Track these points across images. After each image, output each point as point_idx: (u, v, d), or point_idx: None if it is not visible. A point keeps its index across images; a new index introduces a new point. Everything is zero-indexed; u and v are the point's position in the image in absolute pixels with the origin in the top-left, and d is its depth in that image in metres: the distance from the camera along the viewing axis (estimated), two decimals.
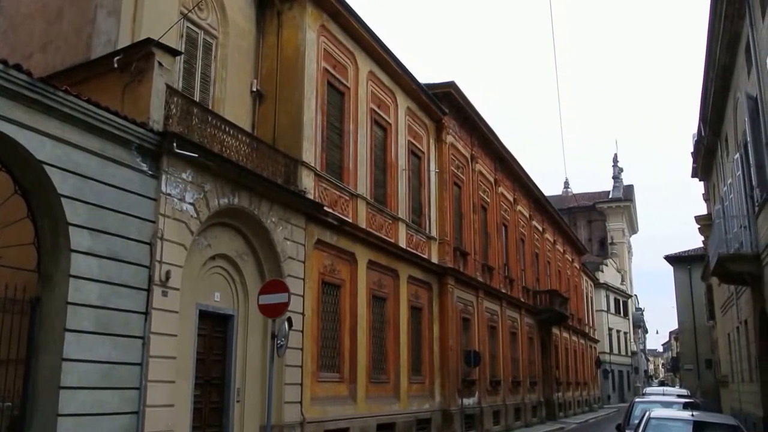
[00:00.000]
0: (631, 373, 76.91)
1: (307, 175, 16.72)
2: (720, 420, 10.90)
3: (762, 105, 15.89)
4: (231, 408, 13.82)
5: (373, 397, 18.94)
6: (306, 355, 15.83)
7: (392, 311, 20.92)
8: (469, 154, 28.74)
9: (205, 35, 15.89)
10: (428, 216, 24.28)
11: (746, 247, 18.77)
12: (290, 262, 15.52)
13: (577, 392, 49.04)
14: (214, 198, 13.25)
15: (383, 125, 21.57)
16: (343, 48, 19.26)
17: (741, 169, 18.93)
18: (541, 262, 40.97)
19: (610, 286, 67.70)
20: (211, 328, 13.63)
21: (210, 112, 13.99)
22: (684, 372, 48.62)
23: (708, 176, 31.50)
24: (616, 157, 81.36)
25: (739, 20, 17.43)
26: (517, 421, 32.11)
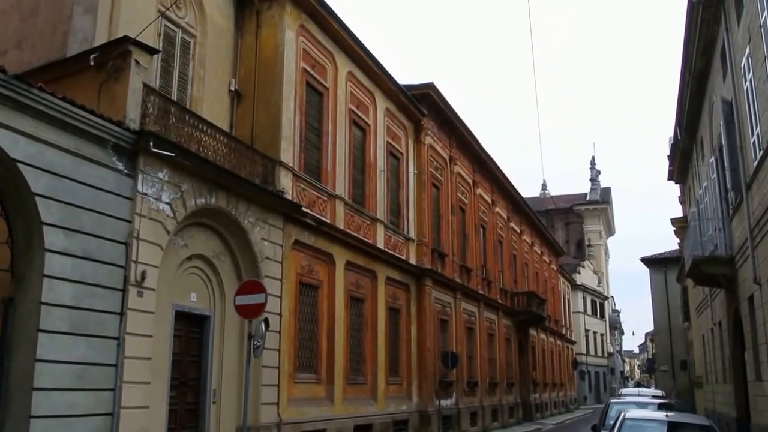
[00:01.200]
0: (608, 374, 77.52)
1: (285, 176, 16.67)
2: (694, 420, 11.01)
3: (737, 109, 16.08)
4: (207, 409, 13.74)
5: (350, 399, 18.91)
6: (283, 356, 15.77)
7: (370, 312, 20.91)
8: (448, 156, 28.80)
9: (183, 34, 15.79)
10: (407, 217, 24.31)
11: (721, 250, 18.98)
12: (267, 262, 15.45)
13: (553, 393, 49.33)
14: (191, 198, 13.16)
15: (362, 126, 21.56)
16: (322, 48, 19.22)
17: (716, 172, 19.15)
18: (519, 263, 41.16)
19: (587, 287, 68.20)
20: (187, 329, 13.53)
21: (187, 112, 13.91)
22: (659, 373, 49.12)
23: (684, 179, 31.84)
24: (593, 160, 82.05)
25: (715, 25, 17.62)
26: (494, 422, 32.23)
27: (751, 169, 14.81)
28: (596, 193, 79.31)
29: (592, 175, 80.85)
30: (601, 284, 75.45)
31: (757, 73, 13.37)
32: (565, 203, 76.13)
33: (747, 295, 16.67)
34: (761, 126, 13.45)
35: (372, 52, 21.28)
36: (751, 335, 16.70)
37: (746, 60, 14.24)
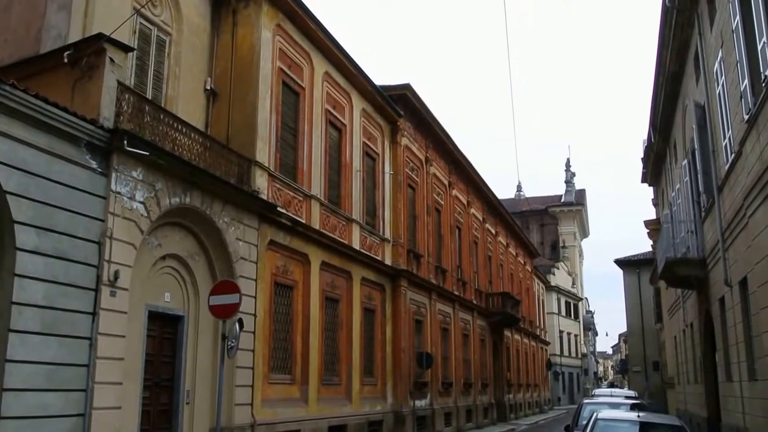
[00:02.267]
0: (581, 374, 78.15)
1: (260, 175, 16.60)
2: (665, 421, 11.13)
3: (709, 113, 16.28)
4: (180, 410, 13.64)
5: (324, 399, 18.88)
6: (257, 357, 15.71)
7: (345, 313, 20.89)
8: (424, 157, 28.86)
9: (158, 32, 15.66)
10: (382, 218, 24.31)
11: (693, 252, 19.22)
12: (242, 262, 15.38)
13: (527, 394, 49.62)
14: (165, 197, 13.07)
15: (338, 126, 21.54)
16: (298, 48, 19.17)
17: (688, 175, 19.38)
18: (494, 264, 41.35)
19: (562, 289, 68.68)
20: (161, 329, 13.43)
21: (162, 110, 13.80)
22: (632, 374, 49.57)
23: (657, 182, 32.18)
24: (568, 162, 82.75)
25: (689, 29, 17.84)
26: (469, 423, 32.35)
27: (723, 173, 15.01)
28: (571, 194, 79.92)
29: (567, 177, 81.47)
30: (576, 285, 76.05)
31: (729, 78, 13.55)
32: (540, 205, 76.66)
33: (718, 297, 16.89)
34: (733, 130, 13.64)
35: (349, 52, 21.28)
36: (722, 336, 16.92)
37: (719, 64, 14.43)
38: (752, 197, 12.14)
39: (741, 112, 12.52)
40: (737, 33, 12.21)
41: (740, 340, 14.49)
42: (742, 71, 12.07)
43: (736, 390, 15.44)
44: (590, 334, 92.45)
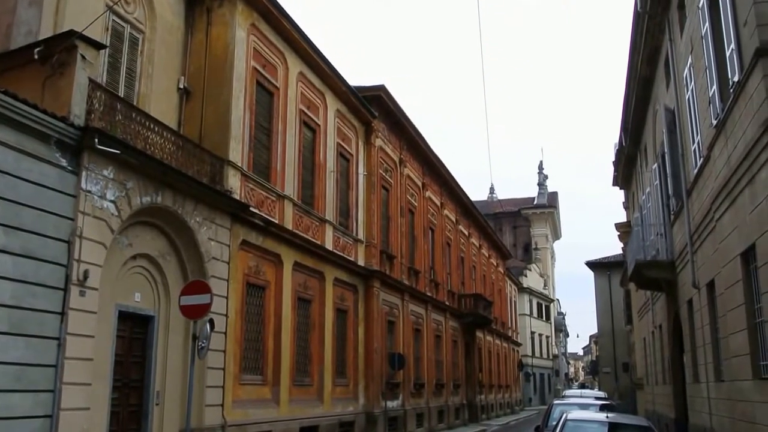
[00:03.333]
0: (552, 375, 78.76)
1: (233, 175, 16.52)
2: (633, 421, 11.26)
3: (679, 117, 16.51)
4: (150, 411, 13.52)
5: (296, 400, 18.83)
6: (228, 358, 15.63)
7: (317, 313, 20.85)
8: (398, 158, 28.91)
9: (131, 29, 15.51)
10: (356, 218, 24.31)
11: (662, 255, 19.46)
12: (214, 262, 15.29)
13: (499, 395, 49.90)
14: (136, 196, 12.95)
15: (312, 126, 21.49)
16: (273, 48, 19.11)
17: (658, 178, 19.63)
18: (467, 266, 41.52)
19: (534, 290, 69.16)
20: (131, 330, 13.30)
21: (134, 108, 13.69)
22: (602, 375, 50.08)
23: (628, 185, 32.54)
24: (541, 164, 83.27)
25: (660, 35, 18.08)
26: (440, 424, 32.45)
27: (692, 177, 15.23)
28: (544, 197, 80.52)
29: (540, 180, 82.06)
30: (547, 287, 76.62)
31: (698, 83, 13.76)
32: (513, 207, 77.17)
33: (686, 299, 17.13)
34: (701, 134, 13.85)
35: (323, 53, 21.26)
36: (690, 338, 17.17)
37: (688, 70, 14.64)
38: (719, 201, 12.33)
39: (710, 117, 12.72)
40: (706, 39, 12.41)
41: (707, 341, 14.71)
42: (711, 77, 12.27)
43: (703, 391, 15.66)
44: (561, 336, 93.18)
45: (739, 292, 11.50)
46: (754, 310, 10.97)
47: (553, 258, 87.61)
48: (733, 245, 11.75)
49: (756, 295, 10.73)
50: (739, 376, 11.86)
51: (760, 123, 9.48)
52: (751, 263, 10.88)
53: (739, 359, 11.85)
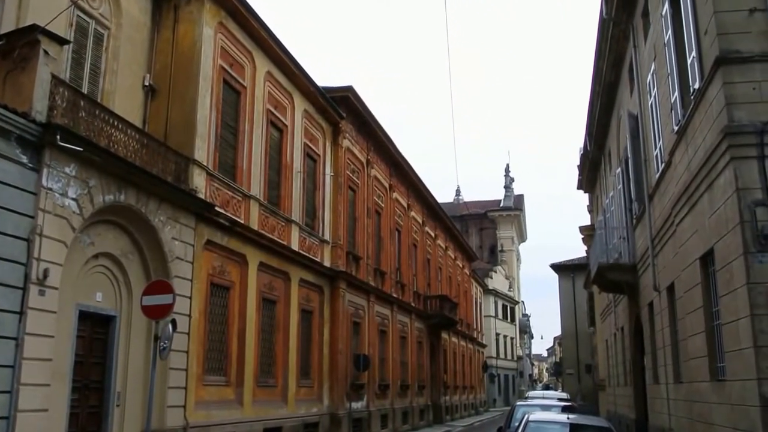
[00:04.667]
0: (517, 376, 79.38)
1: (198, 174, 16.38)
2: (594, 422, 11.38)
3: (641, 123, 16.76)
4: (110, 412, 13.35)
5: (260, 401, 18.72)
6: (191, 358, 15.48)
7: (282, 314, 20.76)
8: (365, 159, 28.92)
9: (96, 25, 15.30)
10: (322, 219, 24.26)
11: (624, 258, 19.74)
12: (178, 262, 15.15)
13: (464, 396, 50.16)
14: (99, 194, 12.78)
15: (279, 126, 21.40)
16: (241, 47, 18.99)
17: (622, 183, 19.90)
18: (433, 267, 41.67)
19: (499, 292, 69.63)
20: (92, 330, 13.12)
21: (98, 105, 13.51)
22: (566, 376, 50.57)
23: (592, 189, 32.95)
24: (507, 167, 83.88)
25: (624, 41, 18.34)
26: (405, 425, 32.51)
27: (654, 182, 15.47)
28: (510, 199, 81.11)
29: (506, 183, 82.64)
30: (512, 289, 77.20)
31: (660, 90, 13.98)
32: (480, 209, 77.59)
33: (647, 302, 17.40)
34: (663, 140, 14.07)
35: (292, 53, 21.18)
36: (650, 340, 17.43)
37: (651, 76, 14.87)
38: (680, 206, 12.55)
39: (671, 123, 12.94)
40: (669, 47, 12.62)
41: (667, 343, 14.95)
42: (673, 84, 12.48)
43: (662, 392, 15.92)
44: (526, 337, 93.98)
45: (698, 295, 11.71)
46: (711, 313, 11.19)
47: (519, 260, 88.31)
48: (692, 249, 11.97)
49: (714, 298, 10.94)
50: (697, 377, 12.08)
51: (719, 130, 9.68)
52: (710, 267, 11.09)
53: (697, 361, 12.07)
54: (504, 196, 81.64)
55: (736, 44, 9.66)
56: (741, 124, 9.38)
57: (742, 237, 9.11)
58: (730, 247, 9.64)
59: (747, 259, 9.03)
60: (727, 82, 9.57)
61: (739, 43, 9.67)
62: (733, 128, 9.39)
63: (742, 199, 9.21)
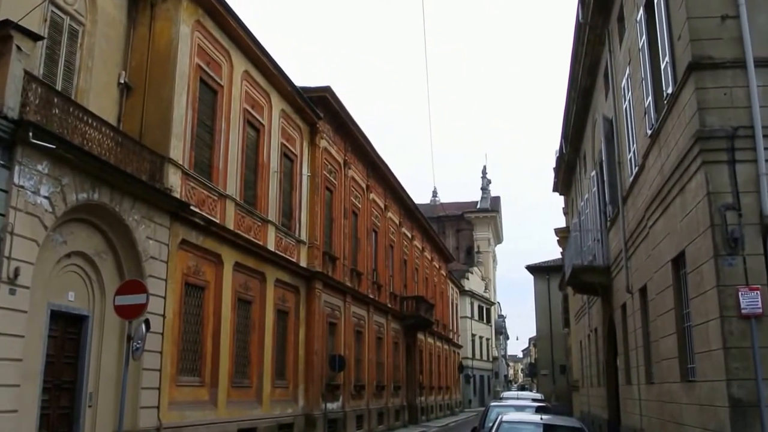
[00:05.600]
0: (492, 377, 79.76)
1: (174, 173, 16.27)
2: (566, 423, 11.47)
3: (616, 127, 16.93)
4: (82, 413, 13.21)
5: (234, 402, 18.63)
6: (165, 359, 15.37)
7: (258, 314, 20.68)
8: (343, 160, 28.90)
9: (71, 21, 15.12)
10: (299, 219, 24.20)
11: (598, 260, 19.93)
12: (152, 262, 15.03)
13: (439, 396, 50.29)
14: (72, 192, 12.65)
15: (256, 126, 21.32)
16: (218, 45, 18.90)
17: (596, 185, 20.08)
18: (409, 268, 41.74)
19: (475, 293, 69.90)
20: (64, 329, 12.97)
21: (72, 103, 13.36)
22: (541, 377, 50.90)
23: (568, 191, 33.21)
24: (485, 169, 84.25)
25: (600, 46, 18.51)
26: (380, 425, 32.53)
27: (627, 184, 15.63)
28: (486, 201, 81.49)
29: (483, 184, 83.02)
30: (488, 290, 77.54)
31: (635, 94, 14.14)
32: (457, 210, 77.88)
33: (620, 304, 17.57)
34: (637, 144, 14.22)
35: (269, 52, 21.10)
36: (623, 341, 17.61)
37: (626, 81, 15.03)
38: (653, 209, 12.69)
39: (645, 127, 13.09)
40: (643, 52, 12.77)
41: (639, 345, 15.11)
42: (647, 88, 12.63)
43: (634, 393, 16.08)
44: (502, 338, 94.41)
45: (669, 297, 11.86)
46: (682, 315, 11.33)
47: (495, 261, 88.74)
48: (664, 252, 12.11)
49: (685, 300, 11.09)
50: (668, 378, 12.22)
51: (691, 134, 9.81)
52: (681, 269, 11.24)
53: (668, 362, 12.21)
54: (481, 197, 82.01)
55: (708, 50, 9.81)
56: (712, 129, 9.53)
57: (713, 240, 9.24)
58: (700, 250, 9.77)
59: (717, 262, 9.17)
60: (700, 88, 9.71)
61: (711, 49, 9.82)
62: (705, 133, 9.53)
63: (713, 202, 9.35)
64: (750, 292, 8.93)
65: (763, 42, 9.74)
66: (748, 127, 9.41)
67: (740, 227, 9.16)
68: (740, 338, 8.90)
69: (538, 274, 47.58)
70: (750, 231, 9.17)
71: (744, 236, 9.13)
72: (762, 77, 9.59)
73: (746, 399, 8.77)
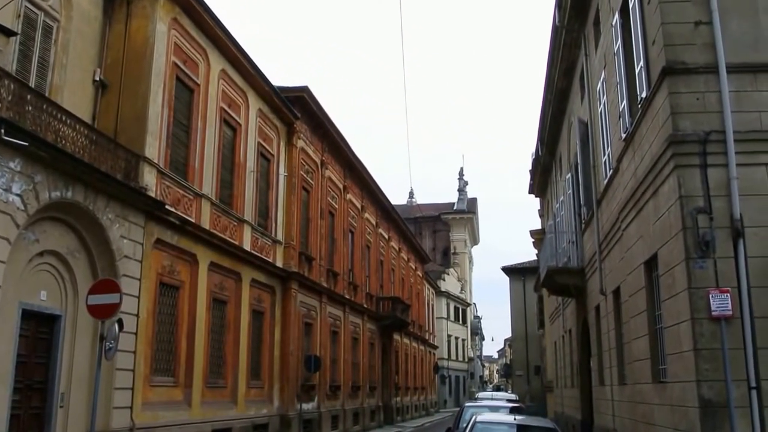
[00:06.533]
0: (468, 378, 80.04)
1: (149, 172, 16.15)
2: (540, 423, 11.56)
3: (591, 130, 17.08)
4: (54, 414, 13.06)
5: (208, 402, 18.54)
6: (139, 359, 15.26)
7: (233, 315, 20.58)
8: (320, 160, 28.86)
9: (45, 17, 14.94)
10: (275, 219, 24.13)
11: (573, 262, 20.08)
12: (126, 261, 14.91)
13: (415, 397, 50.38)
14: (45, 190, 12.51)
15: (233, 125, 21.23)
16: (195, 44, 18.79)
17: (571, 188, 20.24)
18: (386, 269, 41.77)
19: (451, 294, 70.11)
20: (35, 329, 12.82)
21: (46, 99, 13.21)
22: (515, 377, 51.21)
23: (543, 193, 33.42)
24: (461, 171, 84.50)
25: (576, 49, 18.66)
26: (356, 426, 32.52)
27: (602, 187, 15.78)
28: (463, 203, 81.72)
29: (460, 186, 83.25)
30: (464, 291, 77.82)
31: (610, 97, 14.27)
32: (434, 212, 78.03)
33: (594, 305, 17.72)
34: (612, 147, 14.36)
35: (247, 51, 21.03)
36: (597, 342, 17.76)
37: (601, 84, 15.17)
38: (626, 211, 12.83)
39: (619, 131, 13.22)
40: (618, 56, 12.90)
41: (612, 346, 15.26)
42: (622, 92, 12.76)
43: (607, 393, 16.24)
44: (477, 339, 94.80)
45: (642, 299, 11.99)
46: (655, 317, 11.46)
47: (471, 263, 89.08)
48: (637, 254, 12.24)
49: (657, 302, 11.22)
50: (640, 379, 12.36)
51: (664, 138, 9.93)
52: (654, 272, 11.37)
53: (640, 363, 12.34)
54: (458, 199, 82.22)
55: (681, 55, 9.94)
56: (685, 133, 9.65)
57: (684, 243, 9.36)
58: (672, 252, 9.90)
59: (688, 264, 9.29)
60: (673, 92, 9.84)
61: (684, 54, 9.95)
62: (678, 137, 9.66)
63: (685, 206, 9.48)
64: (720, 294, 9.06)
65: (735, 48, 9.89)
66: (720, 131, 9.55)
67: (711, 230, 9.29)
68: (711, 340, 9.03)
69: (513, 275, 47.85)
70: (721, 234, 9.30)
71: (715, 239, 9.26)
72: (734, 82, 9.74)
73: (716, 400, 8.90)
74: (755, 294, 9.11)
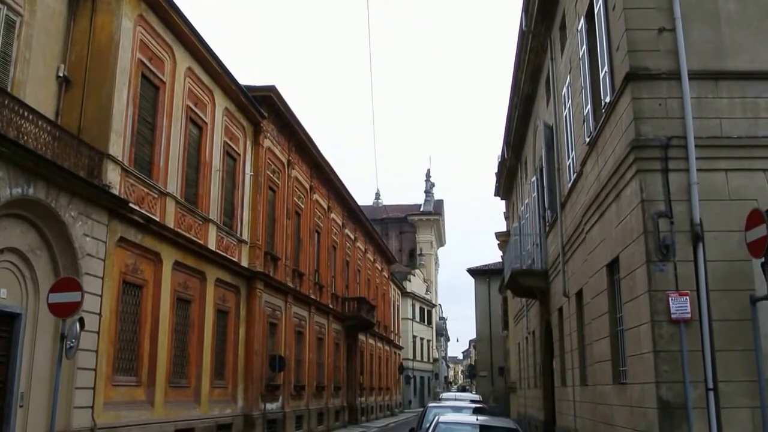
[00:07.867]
0: (432, 378, 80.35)
1: (113, 170, 15.95)
2: (502, 424, 11.66)
3: (556, 134, 17.28)
4: (13, 414, 12.83)
5: (171, 402, 18.37)
6: (101, 358, 15.07)
7: (197, 314, 20.42)
8: (286, 160, 28.77)
9: (8, 11, 14.68)
10: (241, 219, 23.99)
11: (537, 264, 20.30)
12: (88, 259, 14.72)
13: (380, 397, 50.45)
14: (5, 187, 12.30)
15: (199, 124, 21.06)
16: (161, 41, 18.61)
17: (536, 191, 20.46)
18: (352, 269, 41.76)
19: (417, 295, 70.33)
20: None
21: (8, 95, 12.98)
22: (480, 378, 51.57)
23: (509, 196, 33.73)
24: (428, 173, 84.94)
25: (542, 54, 18.87)
26: (320, 426, 32.47)
27: (566, 190, 15.97)
28: (430, 204, 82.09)
29: (427, 187, 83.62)
30: (430, 292, 78.12)
31: (575, 102, 14.46)
32: (400, 213, 78.28)
33: (557, 307, 17.93)
34: (576, 151, 14.55)
35: (214, 50, 20.88)
36: (559, 344, 17.97)
37: (567, 88, 15.36)
38: (589, 215, 13.00)
39: (584, 135, 13.41)
40: (583, 61, 13.08)
41: (575, 347, 15.45)
42: (586, 97, 12.94)
43: (569, 394, 16.44)
44: (442, 340, 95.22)
45: (604, 301, 12.17)
46: (616, 319, 11.65)
47: (437, 264, 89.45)
48: (599, 257, 12.42)
49: (618, 304, 11.39)
50: (601, 380, 12.54)
51: (627, 143, 10.10)
52: (615, 274, 11.55)
53: (601, 365, 12.52)
54: (424, 200, 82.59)
55: (645, 61, 10.12)
56: (647, 138, 9.83)
57: (645, 246, 9.53)
58: (634, 255, 10.07)
59: (649, 267, 9.46)
60: (636, 98, 10.01)
61: (648, 60, 10.13)
62: (640, 142, 9.83)
63: (647, 210, 9.65)
64: (680, 297, 9.24)
65: (697, 55, 10.10)
66: (681, 137, 9.75)
67: (672, 234, 9.47)
68: (670, 342, 9.21)
69: (479, 277, 48.19)
70: (681, 238, 9.49)
71: (675, 243, 9.45)
72: (695, 89, 9.94)
73: (674, 401, 9.07)
74: (714, 297, 9.30)
